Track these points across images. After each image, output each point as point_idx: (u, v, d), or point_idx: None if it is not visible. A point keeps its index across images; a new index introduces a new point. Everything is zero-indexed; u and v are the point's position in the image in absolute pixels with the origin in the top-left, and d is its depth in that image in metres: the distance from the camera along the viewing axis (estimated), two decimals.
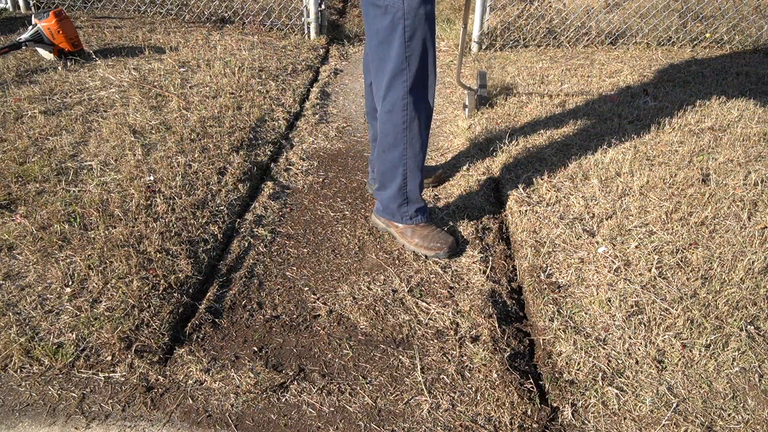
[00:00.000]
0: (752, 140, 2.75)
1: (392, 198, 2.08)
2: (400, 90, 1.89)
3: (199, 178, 2.43)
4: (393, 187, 2.05)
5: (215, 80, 3.39)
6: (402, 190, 2.05)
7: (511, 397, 1.54)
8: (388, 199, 2.09)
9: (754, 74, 3.64)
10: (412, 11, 1.78)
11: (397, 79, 1.88)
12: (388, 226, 2.17)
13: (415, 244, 2.10)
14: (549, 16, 4.35)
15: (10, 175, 2.36)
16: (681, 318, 1.74)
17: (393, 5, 1.78)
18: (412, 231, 2.11)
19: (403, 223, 2.12)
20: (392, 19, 1.80)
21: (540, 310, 1.82)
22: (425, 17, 1.80)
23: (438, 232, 2.11)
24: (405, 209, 2.09)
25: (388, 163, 2.02)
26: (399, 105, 1.91)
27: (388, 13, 1.80)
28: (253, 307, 1.86)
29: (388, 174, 2.05)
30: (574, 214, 2.24)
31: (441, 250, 2.07)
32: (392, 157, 2.00)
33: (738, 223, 2.17)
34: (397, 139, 1.97)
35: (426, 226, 2.12)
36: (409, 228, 2.11)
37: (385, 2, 1.79)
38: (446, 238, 2.09)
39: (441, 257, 2.07)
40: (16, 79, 3.33)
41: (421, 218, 2.11)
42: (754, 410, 1.49)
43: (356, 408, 1.53)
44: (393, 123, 1.94)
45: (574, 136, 2.83)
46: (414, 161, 2.01)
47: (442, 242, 2.07)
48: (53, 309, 1.76)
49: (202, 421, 1.48)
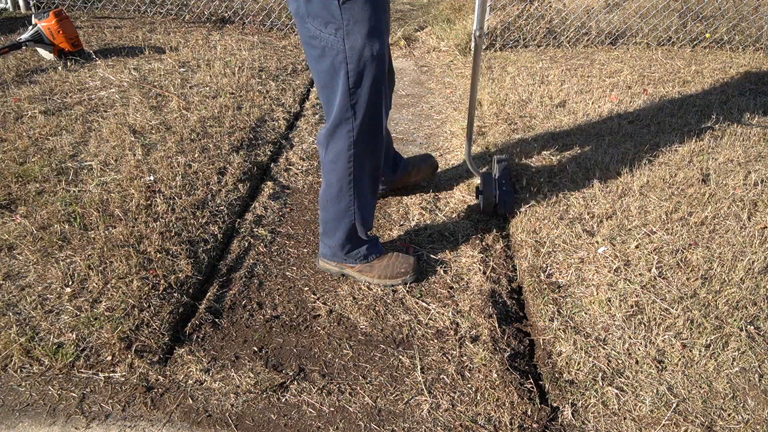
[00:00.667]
0: (752, 140, 2.75)
1: (340, 246, 1.89)
2: (345, 141, 1.66)
3: (199, 178, 2.43)
4: (339, 236, 1.86)
5: (215, 80, 3.39)
6: (349, 238, 1.87)
7: (511, 397, 1.54)
8: (335, 248, 1.91)
9: (754, 74, 3.64)
10: (355, 53, 1.51)
11: (341, 129, 1.64)
12: (342, 268, 1.96)
13: (378, 277, 1.92)
14: (549, 16, 4.35)
15: (10, 175, 2.36)
16: (681, 318, 1.74)
17: (332, 47, 1.52)
18: (370, 267, 1.93)
19: (358, 264, 1.93)
20: (332, 63, 1.55)
21: (540, 310, 1.82)
22: (371, 59, 1.53)
23: (396, 257, 1.94)
24: (355, 252, 1.91)
25: (332, 214, 1.82)
26: (344, 157, 1.69)
27: (327, 56, 1.54)
28: (253, 307, 1.86)
29: (331, 224, 1.85)
30: (574, 214, 2.24)
31: (407, 275, 1.92)
32: (337, 210, 1.80)
33: (738, 223, 2.17)
34: (343, 192, 1.76)
35: (382, 256, 1.94)
36: (367, 266, 1.93)
37: (323, 43, 1.52)
38: (407, 260, 1.94)
39: (408, 281, 1.94)
40: (16, 79, 3.33)
41: (374, 254, 1.93)
42: (754, 410, 1.49)
43: (356, 408, 1.53)
44: (337, 175, 1.74)
45: (574, 136, 2.83)
46: (362, 211, 1.83)
47: (405, 267, 1.93)
48: (53, 309, 1.76)
49: (202, 421, 1.48)
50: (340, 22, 1.50)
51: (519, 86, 3.47)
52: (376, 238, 1.98)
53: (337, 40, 1.51)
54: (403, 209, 2.37)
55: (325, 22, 1.51)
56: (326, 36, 1.52)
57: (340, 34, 1.50)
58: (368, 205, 1.85)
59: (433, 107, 3.42)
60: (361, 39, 1.51)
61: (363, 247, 1.91)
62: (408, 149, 2.88)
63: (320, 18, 1.51)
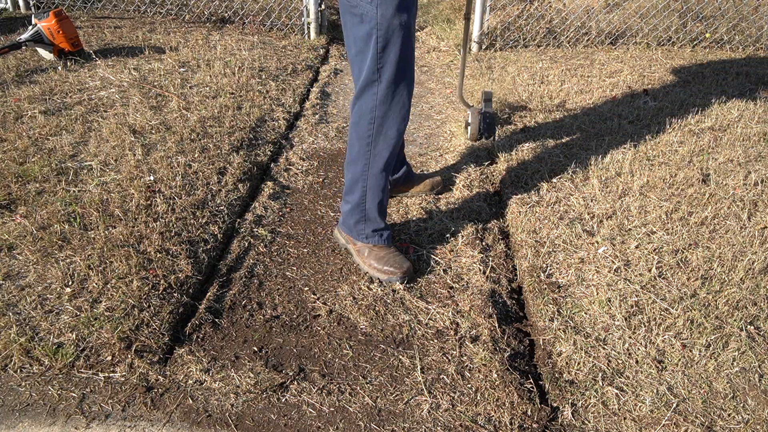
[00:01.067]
0: (752, 140, 2.75)
1: (350, 213, 1.99)
2: (369, 102, 1.82)
3: (199, 178, 2.43)
4: (352, 201, 1.97)
5: (215, 80, 3.39)
6: (360, 206, 1.96)
7: (511, 397, 1.54)
8: (346, 213, 2.01)
9: (754, 74, 3.64)
10: (385, 21, 1.70)
11: (367, 90, 1.81)
12: (347, 242, 2.07)
13: (369, 265, 1.99)
14: (549, 16, 4.35)
15: (10, 175, 2.36)
16: (681, 318, 1.74)
17: (368, 14, 1.71)
18: (369, 251, 2.00)
19: (360, 242, 2.02)
20: (368, 29, 1.73)
21: (540, 310, 1.82)
22: (399, 28, 1.72)
23: (395, 256, 1.99)
24: (361, 227, 1.99)
25: (350, 176, 1.95)
26: (366, 117, 1.84)
27: (365, 23, 1.73)
28: (253, 307, 1.86)
29: (349, 187, 1.97)
30: (574, 214, 2.24)
31: (395, 274, 1.94)
32: (354, 171, 1.93)
33: (738, 223, 2.17)
34: (360, 153, 1.89)
35: (383, 248, 2.00)
36: (366, 247, 2.01)
37: (361, 11, 1.72)
38: (402, 262, 1.97)
39: (394, 281, 1.95)
40: (16, 79, 3.33)
41: (378, 239, 2.00)
42: (754, 410, 1.49)
43: (356, 408, 1.53)
44: (358, 135, 1.87)
45: (574, 136, 2.84)
46: (375, 180, 1.91)
47: (396, 266, 1.95)
48: (53, 309, 1.76)
49: (202, 421, 1.48)
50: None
51: (519, 86, 3.47)
52: (386, 227, 2.03)
53: (372, 8, 1.71)
54: (403, 209, 2.37)
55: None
56: (365, 5, 1.72)
57: (374, 3, 1.70)
58: (381, 176, 1.93)
59: (433, 107, 3.42)
60: (392, 9, 1.70)
61: (370, 226, 1.99)
62: (408, 149, 2.88)
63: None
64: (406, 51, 1.76)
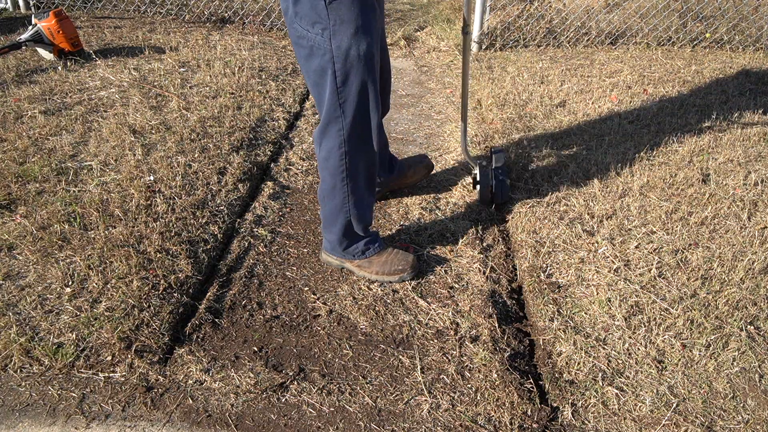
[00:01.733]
0: (752, 140, 2.75)
1: (338, 242, 1.92)
2: (336, 139, 1.69)
3: (199, 178, 2.43)
4: (336, 231, 1.89)
5: (215, 80, 3.39)
6: (346, 234, 1.89)
7: (511, 397, 1.54)
8: (333, 242, 1.94)
9: (754, 74, 3.64)
10: (341, 53, 1.53)
11: (331, 127, 1.67)
12: (342, 262, 1.99)
13: (375, 273, 1.94)
14: (549, 16, 4.35)
15: (10, 175, 2.36)
16: (681, 318, 1.74)
17: (319, 47, 1.54)
18: (369, 262, 1.94)
19: (357, 259, 1.95)
20: (320, 63, 1.57)
21: (540, 310, 1.82)
22: (358, 58, 1.54)
23: (396, 254, 1.95)
24: (353, 248, 1.93)
25: (328, 210, 1.86)
26: (335, 154, 1.72)
27: (316, 56, 1.56)
28: (253, 307, 1.86)
29: (329, 219, 1.88)
30: (574, 214, 2.24)
31: (404, 272, 1.93)
32: (332, 206, 1.84)
33: (738, 223, 2.17)
34: (336, 189, 1.79)
35: (381, 252, 1.95)
36: (366, 261, 1.95)
37: (310, 43, 1.55)
38: (406, 258, 1.94)
39: (406, 279, 1.94)
40: (16, 79, 3.33)
41: (373, 249, 1.94)
42: (754, 410, 1.49)
43: (356, 408, 1.53)
44: (330, 171, 1.76)
45: (574, 136, 2.83)
46: (358, 208, 1.84)
47: (403, 264, 1.93)
48: (53, 309, 1.76)
49: (202, 421, 1.48)
50: (326, 22, 1.51)
51: (519, 86, 3.47)
52: (375, 234, 1.98)
53: (324, 39, 1.53)
54: (403, 209, 2.37)
55: (312, 22, 1.53)
56: (313, 36, 1.54)
57: (326, 34, 1.52)
58: (364, 202, 1.86)
59: (433, 107, 3.42)
60: (347, 39, 1.52)
61: (360, 243, 1.93)
62: (408, 149, 2.88)
63: (307, 18, 1.53)
64: (369, 81, 1.60)
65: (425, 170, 2.43)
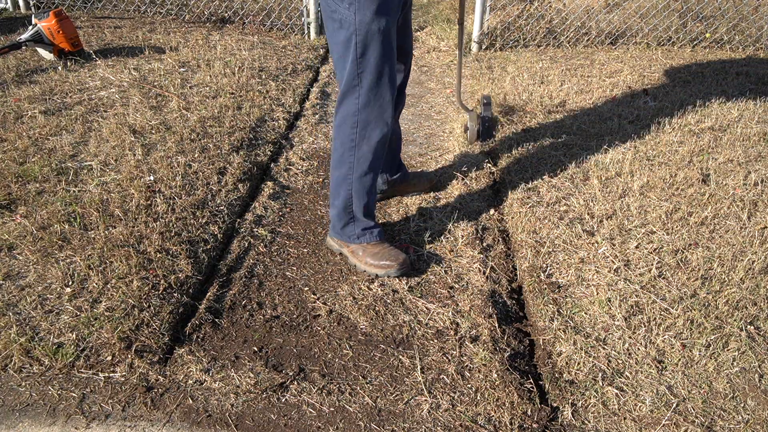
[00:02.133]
0: (752, 140, 2.75)
1: (338, 217, 1.99)
2: (351, 106, 1.82)
3: (199, 178, 2.43)
4: (338, 205, 1.97)
5: (215, 80, 3.39)
6: (347, 209, 1.96)
7: (511, 397, 1.54)
8: (334, 218, 2.01)
9: (754, 74, 3.64)
10: (363, 26, 1.71)
11: (349, 95, 1.82)
12: (341, 246, 2.06)
13: (365, 263, 1.98)
14: (549, 16, 4.35)
15: (10, 175, 2.36)
16: (681, 318, 1.74)
17: (346, 20, 1.72)
18: (363, 250, 2.00)
19: (352, 243, 2.01)
20: (346, 34, 1.75)
21: (540, 310, 1.82)
22: (378, 33, 1.72)
23: (389, 250, 1.99)
24: (350, 229, 1.99)
25: (334, 180, 1.95)
26: (349, 122, 1.84)
27: (344, 28, 1.74)
28: (253, 307, 1.86)
29: (334, 190, 1.97)
30: (574, 214, 2.24)
31: (391, 267, 1.95)
32: (338, 175, 1.93)
33: (738, 223, 2.17)
34: (344, 157, 1.89)
35: (377, 244, 2.00)
36: (360, 247, 2.00)
37: (340, 16, 1.73)
38: (397, 255, 1.97)
39: (392, 275, 1.96)
40: (16, 79, 3.33)
41: (369, 237, 1.99)
42: (754, 410, 1.49)
43: (356, 408, 1.53)
44: (341, 139, 1.88)
45: (574, 136, 2.84)
46: (360, 183, 1.92)
47: (392, 260, 1.95)
48: (53, 309, 1.76)
49: (202, 421, 1.48)
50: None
51: (519, 86, 3.47)
52: (376, 226, 2.03)
53: (350, 14, 1.72)
54: (403, 209, 2.37)
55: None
56: (342, 10, 1.73)
57: (352, 8, 1.71)
58: (366, 180, 1.93)
59: (433, 107, 3.42)
60: (370, 14, 1.71)
61: (358, 226, 2.00)
62: (408, 149, 2.88)
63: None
64: (385, 55, 1.77)
65: (428, 185, 2.48)
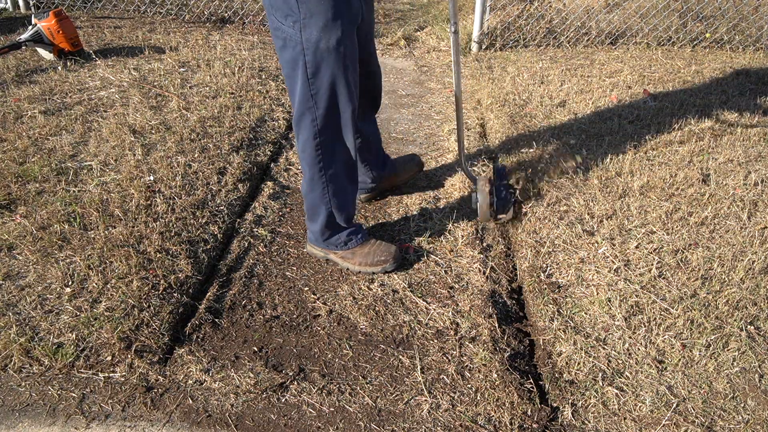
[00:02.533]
0: (752, 140, 2.75)
1: (320, 232, 1.95)
2: (310, 130, 1.73)
3: (199, 178, 2.43)
4: (319, 222, 1.93)
5: (215, 80, 3.39)
6: (329, 226, 1.93)
7: (511, 397, 1.54)
8: (316, 233, 1.97)
9: (754, 74, 3.64)
10: (311, 45, 1.57)
11: (305, 119, 1.72)
12: (326, 253, 2.03)
13: (358, 264, 1.97)
14: (549, 16, 4.35)
15: (10, 175, 2.36)
16: (681, 318, 1.74)
17: (291, 39, 1.59)
18: (352, 253, 1.98)
19: (340, 250, 1.99)
20: (292, 54, 1.61)
21: (540, 310, 1.82)
22: (328, 51, 1.58)
23: (378, 246, 1.98)
24: (335, 239, 1.97)
25: (309, 201, 1.91)
26: (310, 145, 1.76)
27: (289, 47, 1.61)
28: (253, 307, 1.86)
29: (311, 211, 1.93)
30: (574, 214, 2.24)
31: (387, 263, 1.95)
32: (313, 197, 1.88)
33: (738, 223, 2.17)
34: (315, 179, 1.83)
35: (364, 244, 1.98)
36: (348, 252, 1.98)
37: (284, 34, 1.60)
38: (388, 249, 1.97)
39: (388, 270, 1.97)
40: (16, 79, 3.33)
41: (356, 241, 1.97)
42: (754, 410, 1.49)
43: (356, 408, 1.53)
44: (308, 162, 1.81)
45: (574, 136, 2.83)
46: (338, 198, 1.87)
47: (385, 255, 1.96)
48: (53, 309, 1.76)
49: (202, 421, 1.48)
50: (297, 15, 1.56)
51: (519, 86, 3.46)
52: (358, 226, 2.02)
53: (295, 32, 1.58)
54: (403, 209, 2.37)
55: (285, 15, 1.58)
56: (286, 28, 1.59)
57: (297, 26, 1.57)
58: (344, 193, 1.89)
59: (433, 107, 3.42)
60: (317, 32, 1.56)
61: (343, 234, 1.97)
62: (408, 149, 2.88)
63: (281, 10, 1.58)
64: (342, 74, 1.64)
65: (416, 168, 2.47)
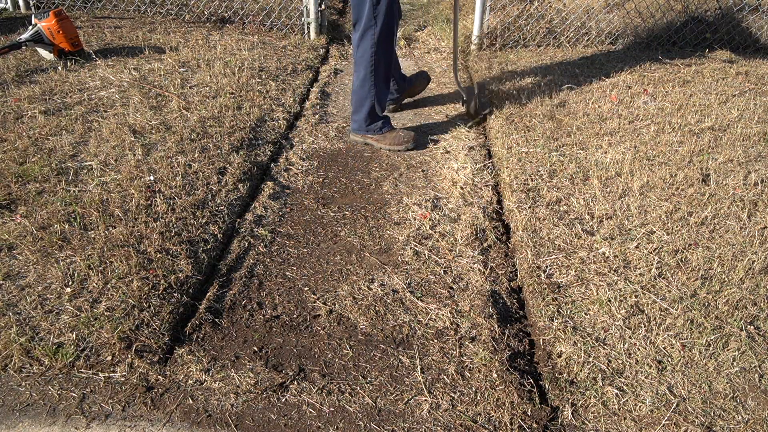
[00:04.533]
0: (752, 140, 2.75)
1: (364, 120, 2.79)
2: (369, 41, 2.59)
3: (199, 178, 2.43)
4: (364, 111, 2.76)
5: (215, 80, 3.39)
6: (371, 112, 2.77)
7: (511, 397, 1.54)
8: (361, 120, 2.81)
9: (754, 74, 3.64)
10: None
11: (367, 33, 2.58)
12: (365, 138, 2.88)
13: (389, 143, 2.82)
14: (549, 16, 4.35)
15: (10, 175, 2.36)
16: (681, 318, 1.74)
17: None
18: (383, 137, 2.84)
19: (377, 134, 2.83)
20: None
21: (540, 310, 1.82)
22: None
23: (401, 131, 2.85)
24: (374, 126, 2.82)
25: (360, 94, 2.72)
26: (368, 52, 2.62)
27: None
28: (253, 307, 1.86)
29: (359, 104, 2.76)
30: (574, 214, 2.24)
31: (408, 142, 2.82)
32: (362, 92, 2.72)
33: (738, 223, 2.17)
34: (366, 78, 2.68)
35: (393, 130, 2.85)
36: (381, 135, 2.83)
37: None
38: (409, 134, 2.84)
39: (411, 148, 2.82)
40: (16, 79, 3.33)
41: (387, 127, 2.84)
42: (754, 410, 1.49)
43: (356, 408, 1.53)
44: (364, 66, 2.66)
45: (574, 136, 2.83)
46: (379, 95, 2.72)
47: (408, 138, 2.82)
48: (53, 309, 1.76)
49: (202, 421, 1.48)
50: None
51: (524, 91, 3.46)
52: (388, 118, 2.87)
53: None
54: (403, 209, 2.37)
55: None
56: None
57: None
58: (382, 92, 2.76)
59: (433, 107, 3.42)
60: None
61: (379, 122, 2.83)
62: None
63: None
64: (392, 6, 2.54)
65: (425, 81, 3.33)
